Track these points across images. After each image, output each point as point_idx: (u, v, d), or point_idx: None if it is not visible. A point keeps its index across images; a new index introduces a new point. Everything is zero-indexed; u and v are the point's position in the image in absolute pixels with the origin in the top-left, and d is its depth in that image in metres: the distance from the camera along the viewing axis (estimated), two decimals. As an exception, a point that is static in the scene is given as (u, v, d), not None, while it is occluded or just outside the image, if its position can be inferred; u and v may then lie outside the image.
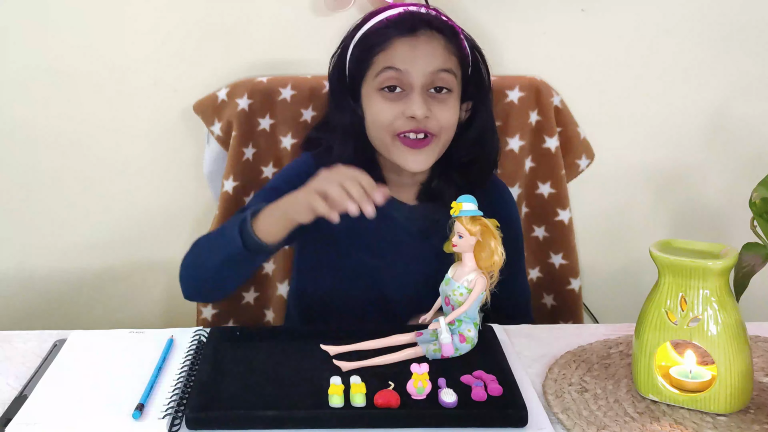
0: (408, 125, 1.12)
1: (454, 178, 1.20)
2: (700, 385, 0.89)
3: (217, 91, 1.43)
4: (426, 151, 1.14)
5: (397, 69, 1.12)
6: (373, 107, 1.15)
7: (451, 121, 1.15)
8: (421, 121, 1.12)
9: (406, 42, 1.12)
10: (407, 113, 1.12)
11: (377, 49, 1.13)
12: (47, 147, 1.49)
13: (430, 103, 1.13)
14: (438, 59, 1.12)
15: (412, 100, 1.11)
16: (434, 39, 1.13)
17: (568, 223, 1.51)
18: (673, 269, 0.88)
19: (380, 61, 1.13)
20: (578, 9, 1.46)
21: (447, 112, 1.14)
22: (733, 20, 1.47)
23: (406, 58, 1.12)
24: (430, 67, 1.12)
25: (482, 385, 0.91)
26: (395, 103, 1.13)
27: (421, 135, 1.13)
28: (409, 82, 1.12)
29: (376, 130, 1.15)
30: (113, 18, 1.43)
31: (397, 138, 1.14)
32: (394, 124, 1.13)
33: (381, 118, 1.14)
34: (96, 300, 1.58)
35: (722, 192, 1.56)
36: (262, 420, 0.86)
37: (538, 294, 1.57)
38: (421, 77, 1.12)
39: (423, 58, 1.12)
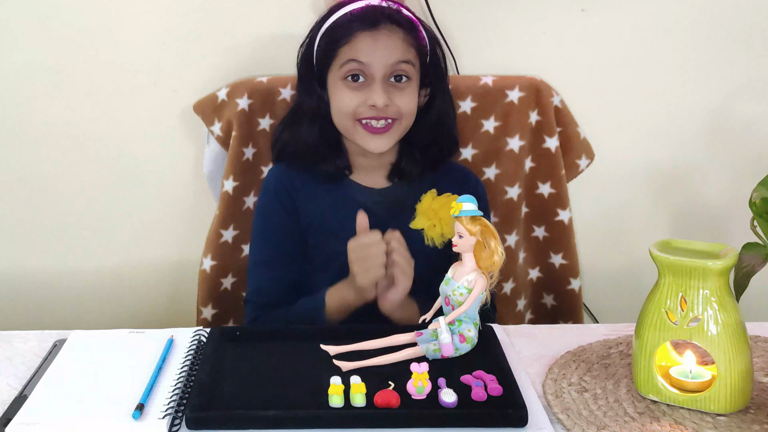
0: (369, 113, 1.21)
1: (417, 157, 1.29)
2: (700, 385, 0.89)
3: (217, 91, 1.43)
4: (387, 135, 1.23)
5: (359, 61, 1.20)
6: (338, 95, 1.23)
7: (411, 107, 1.24)
8: (382, 109, 1.20)
9: (369, 36, 1.20)
10: (369, 102, 1.20)
11: (342, 42, 1.20)
12: (47, 147, 1.49)
13: (390, 91, 1.21)
14: (398, 51, 1.20)
15: (373, 90, 1.20)
16: (394, 33, 1.21)
17: (568, 223, 1.51)
18: (673, 269, 0.88)
19: (344, 54, 1.20)
20: (578, 9, 1.46)
21: (406, 98, 1.22)
22: (733, 20, 1.47)
23: (368, 51, 1.19)
24: (391, 59, 1.20)
25: (482, 385, 0.91)
26: (358, 91, 1.21)
27: (381, 122, 1.22)
28: (371, 73, 1.20)
29: (340, 116, 1.24)
30: (113, 18, 1.43)
31: (359, 123, 1.22)
32: (356, 111, 1.21)
33: (344, 106, 1.22)
34: (96, 300, 1.58)
35: (722, 192, 1.56)
36: (262, 420, 0.86)
37: (538, 294, 1.57)
38: (382, 68, 1.20)
39: (384, 51, 1.19)
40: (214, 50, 1.45)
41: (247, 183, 1.45)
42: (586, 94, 1.50)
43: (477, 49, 1.46)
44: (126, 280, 1.57)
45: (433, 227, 1.07)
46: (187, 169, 1.52)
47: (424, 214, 1.09)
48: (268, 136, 1.45)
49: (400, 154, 1.30)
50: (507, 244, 1.50)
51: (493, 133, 1.46)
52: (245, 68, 1.45)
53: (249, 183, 1.46)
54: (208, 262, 1.46)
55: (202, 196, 1.52)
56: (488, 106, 1.45)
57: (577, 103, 1.49)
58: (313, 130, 1.27)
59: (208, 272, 1.47)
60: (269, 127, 1.45)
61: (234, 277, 1.50)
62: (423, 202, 1.10)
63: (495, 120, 1.45)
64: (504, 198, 1.48)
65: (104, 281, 1.57)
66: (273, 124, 1.44)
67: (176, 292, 1.57)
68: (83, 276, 1.56)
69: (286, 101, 1.43)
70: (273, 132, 1.37)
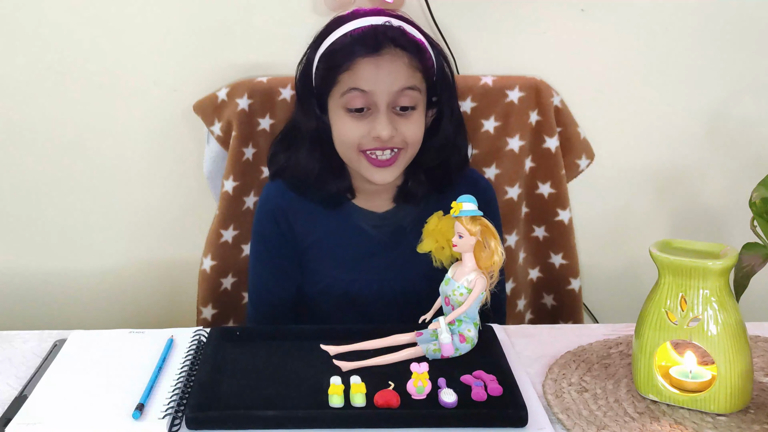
0: (374, 144, 1.14)
1: (422, 179, 1.22)
2: (700, 385, 0.89)
3: (217, 91, 1.43)
4: (392, 168, 1.16)
5: (361, 90, 1.12)
6: (339, 124, 1.16)
7: (417, 136, 1.16)
8: (387, 140, 1.13)
9: (371, 62, 1.12)
10: (373, 134, 1.13)
11: (342, 68, 1.13)
12: (47, 147, 1.49)
13: (395, 120, 1.14)
14: (401, 78, 1.12)
15: (377, 121, 1.13)
16: (398, 57, 1.13)
17: (568, 223, 1.51)
18: (673, 269, 0.88)
19: (345, 81, 1.13)
20: (578, 9, 1.46)
21: (412, 127, 1.15)
22: (733, 20, 1.47)
23: (370, 79, 1.12)
24: (395, 86, 1.12)
25: (482, 385, 0.91)
26: (361, 121, 1.14)
27: (387, 153, 1.15)
28: (374, 102, 1.13)
29: (343, 147, 1.17)
30: (113, 18, 1.43)
31: (363, 155, 1.15)
32: (360, 143, 1.14)
33: (347, 137, 1.15)
34: (96, 300, 1.58)
35: (722, 192, 1.56)
36: (262, 420, 0.86)
37: (538, 294, 1.57)
38: (386, 97, 1.12)
39: (387, 78, 1.12)
40: (214, 50, 1.45)
41: (247, 183, 1.45)
42: (586, 94, 1.50)
43: (477, 49, 1.46)
44: (126, 280, 1.57)
45: (441, 249, 1.01)
46: (187, 169, 1.52)
47: (431, 236, 1.04)
48: (268, 136, 1.45)
49: (405, 176, 1.23)
50: (507, 244, 1.50)
51: (493, 133, 1.46)
52: (245, 68, 1.45)
53: (249, 183, 1.46)
54: (208, 262, 1.46)
55: (202, 196, 1.52)
56: (488, 106, 1.44)
57: (577, 103, 1.49)
58: (313, 156, 1.20)
59: (208, 272, 1.47)
60: (269, 127, 1.45)
61: (234, 277, 1.50)
62: (429, 224, 1.04)
63: (495, 120, 1.45)
64: (504, 198, 1.48)
65: (104, 281, 1.57)
66: (273, 124, 1.44)
67: (176, 292, 1.57)
68: (83, 276, 1.56)
69: (286, 101, 1.43)
70: (269, 149, 1.29)
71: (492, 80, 1.44)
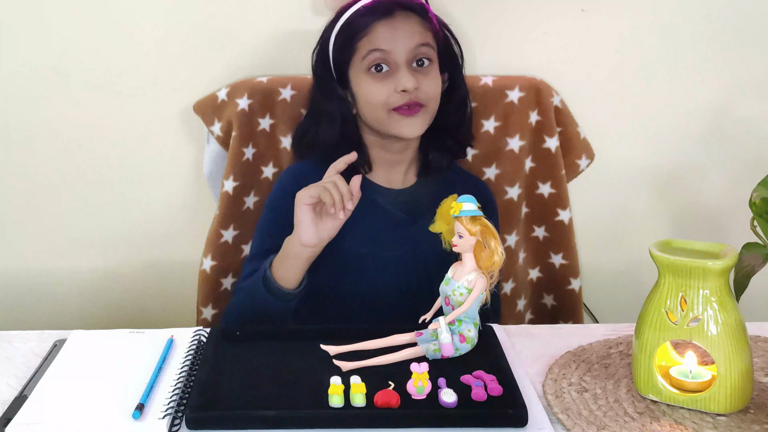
0: (402, 99, 1.20)
1: (448, 143, 1.31)
2: (700, 385, 0.89)
3: (217, 91, 1.43)
4: (419, 117, 1.22)
5: (382, 50, 1.20)
6: (365, 88, 1.23)
7: (436, 91, 1.25)
8: (412, 92, 1.20)
9: (386, 24, 1.20)
10: (399, 88, 1.20)
11: (360, 34, 1.21)
12: (47, 147, 1.49)
13: (416, 76, 1.21)
14: (416, 35, 1.21)
15: (401, 75, 1.20)
16: (410, 18, 1.22)
17: (568, 223, 1.51)
18: (673, 269, 0.88)
19: (365, 46, 1.21)
20: (578, 9, 1.46)
21: (431, 82, 1.23)
22: (733, 20, 1.47)
23: (388, 39, 1.20)
24: (411, 43, 1.21)
25: (482, 385, 0.91)
26: (384, 81, 1.21)
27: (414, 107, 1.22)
28: (394, 60, 1.20)
29: (372, 108, 1.23)
30: (113, 18, 1.43)
31: (392, 111, 1.22)
32: (388, 101, 1.21)
33: (374, 98, 1.22)
34: (96, 300, 1.58)
35: (722, 192, 1.56)
36: (262, 420, 0.86)
37: (538, 294, 1.57)
38: (405, 54, 1.20)
39: (403, 37, 1.20)
40: (214, 50, 1.45)
41: (247, 183, 1.45)
42: (586, 94, 1.50)
43: (477, 49, 1.46)
44: (126, 280, 1.57)
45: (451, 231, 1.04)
46: (187, 169, 1.52)
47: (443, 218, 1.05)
48: (269, 136, 1.45)
49: (428, 147, 1.30)
50: (507, 244, 1.50)
51: (493, 133, 1.46)
52: (245, 68, 1.45)
53: (249, 183, 1.46)
54: (208, 262, 1.46)
55: (202, 196, 1.52)
56: (488, 106, 1.45)
57: (577, 103, 1.49)
58: (333, 131, 1.26)
59: (208, 272, 1.47)
60: (269, 127, 1.45)
61: (234, 277, 1.50)
62: (443, 206, 1.05)
63: (495, 120, 1.45)
64: (504, 198, 1.48)
65: (104, 281, 1.57)
66: (273, 124, 1.44)
67: (176, 292, 1.57)
68: (83, 276, 1.56)
69: (286, 101, 1.43)
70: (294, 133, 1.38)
71: (492, 80, 1.44)
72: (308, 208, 1.15)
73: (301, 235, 1.16)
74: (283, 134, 1.45)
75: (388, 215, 1.28)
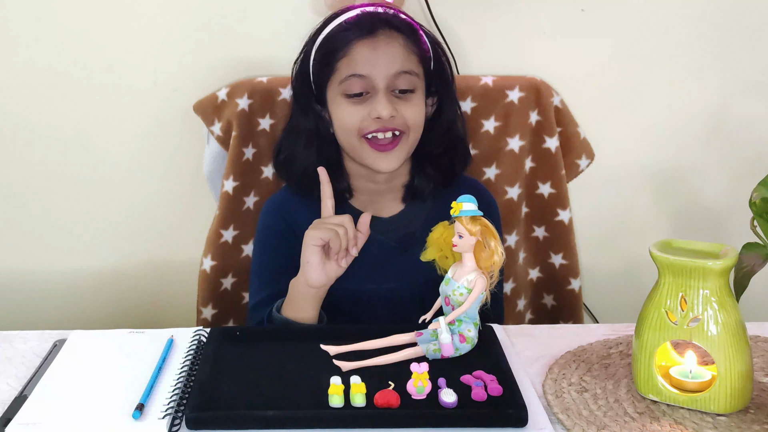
0: (375, 125, 1.14)
1: (429, 172, 1.23)
2: (700, 385, 0.89)
3: (217, 91, 1.43)
4: (395, 152, 1.16)
5: (360, 75, 1.13)
6: (340, 111, 1.16)
7: (418, 119, 1.17)
8: (388, 120, 1.14)
9: (367, 44, 1.14)
10: (373, 114, 1.14)
11: (339, 53, 1.14)
12: (47, 146, 1.49)
13: (395, 102, 1.15)
14: (398, 60, 1.14)
15: (377, 101, 1.13)
16: (393, 39, 1.14)
17: (568, 223, 1.51)
18: (673, 269, 0.88)
19: (343, 68, 1.14)
20: (578, 9, 1.46)
21: (412, 109, 1.16)
22: (733, 20, 1.47)
23: (367, 63, 1.13)
24: (392, 69, 1.13)
25: (482, 385, 0.91)
26: (361, 105, 1.15)
27: (389, 134, 1.15)
28: (373, 86, 1.14)
29: (344, 133, 1.17)
30: (113, 17, 1.43)
31: (365, 141, 1.16)
32: (360, 126, 1.15)
33: (348, 122, 1.16)
34: (96, 300, 1.58)
35: (722, 192, 1.56)
36: (262, 420, 0.86)
37: (538, 294, 1.57)
38: (384, 79, 1.14)
39: (384, 60, 1.13)
40: (214, 50, 1.45)
41: (247, 183, 1.45)
42: (586, 94, 1.50)
43: (477, 49, 1.47)
44: (126, 280, 1.57)
45: (445, 258, 1.02)
46: (187, 169, 1.52)
47: (435, 245, 1.03)
48: (269, 136, 1.45)
49: (412, 173, 1.23)
50: (507, 244, 1.50)
51: (493, 133, 1.46)
52: (245, 68, 1.45)
53: (249, 183, 1.46)
54: (208, 262, 1.46)
55: (202, 196, 1.52)
56: (488, 106, 1.45)
57: (577, 103, 1.49)
58: (310, 152, 1.20)
59: (208, 272, 1.47)
60: (269, 127, 1.45)
61: (234, 277, 1.50)
62: (434, 233, 1.03)
63: (495, 120, 1.45)
64: (504, 198, 1.48)
65: (104, 281, 1.57)
66: (273, 124, 1.44)
67: (176, 292, 1.57)
68: (83, 276, 1.56)
69: (286, 101, 1.43)
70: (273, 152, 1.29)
71: (492, 80, 1.44)
72: (317, 249, 1.10)
73: (309, 276, 1.10)
74: (283, 134, 1.45)
75: (380, 246, 1.21)
